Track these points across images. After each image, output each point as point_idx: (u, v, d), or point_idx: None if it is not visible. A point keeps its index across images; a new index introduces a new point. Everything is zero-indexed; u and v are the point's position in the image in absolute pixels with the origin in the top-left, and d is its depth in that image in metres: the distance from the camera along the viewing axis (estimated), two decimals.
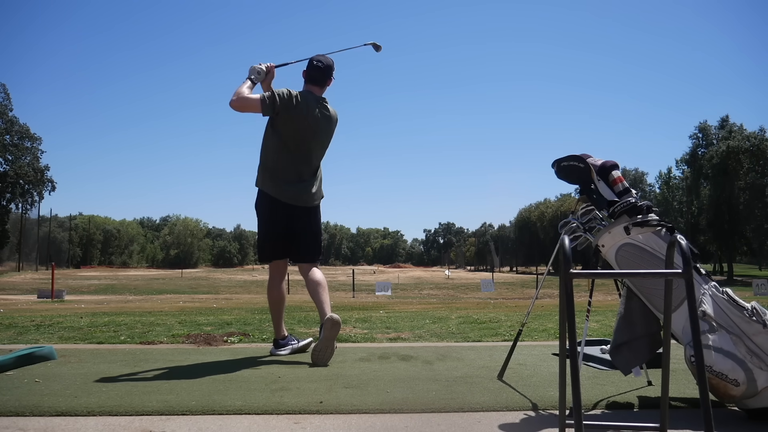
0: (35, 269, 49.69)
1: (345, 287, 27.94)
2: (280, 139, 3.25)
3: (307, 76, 3.39)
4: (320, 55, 3.40)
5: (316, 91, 3.37)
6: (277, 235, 3.30)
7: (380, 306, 10.68)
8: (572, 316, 1.39)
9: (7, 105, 47.31)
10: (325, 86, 3.42)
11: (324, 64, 3.37)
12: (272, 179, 3.28)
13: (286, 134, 3.25)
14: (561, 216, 35.83)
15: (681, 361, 2.61)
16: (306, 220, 3.33)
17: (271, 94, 3.18)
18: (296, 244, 3.32)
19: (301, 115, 3.22)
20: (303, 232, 3.32)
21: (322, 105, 3.34)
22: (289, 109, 3.20)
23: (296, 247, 3.33)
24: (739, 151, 43.67)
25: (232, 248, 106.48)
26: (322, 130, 3.32)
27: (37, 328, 4.66)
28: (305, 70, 3.39)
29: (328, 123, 3.35)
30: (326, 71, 3.38)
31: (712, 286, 2.10)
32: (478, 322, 5.25)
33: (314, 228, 3.38)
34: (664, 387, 1.62)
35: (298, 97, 3.24)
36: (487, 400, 2.21)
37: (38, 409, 2.04)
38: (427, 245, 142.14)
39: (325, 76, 3.38)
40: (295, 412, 2.05)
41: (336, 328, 3.01)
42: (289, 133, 3.25)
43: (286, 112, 3.21)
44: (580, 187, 2.50)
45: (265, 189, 3.29)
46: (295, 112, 3.21)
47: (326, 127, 3.35)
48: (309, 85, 3.38)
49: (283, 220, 3.28)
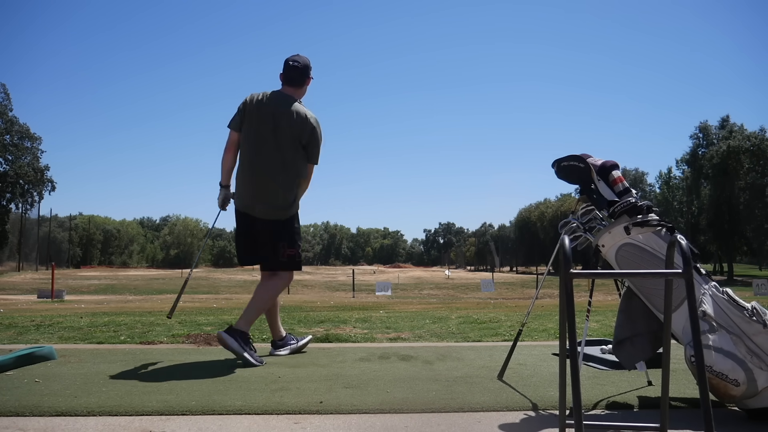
0: (35, 269, 49.68)
1: (345, 287, 27.95)
2: (242, 141, 3.23)
3: (283, 77, 3.27)
4: (296, 55, 3.30)
5: (292, 91, 3.26)
6: (242, 242, 3.26)
7: (380, 306, 10.68)
8: (572, 316, 1.39)
9: (7, 105, 47.32)
10: (304, 86, 3.31)
11: (301, 63, 3.26)
12: (235, 185, 3.28)
13: (244, 138, 3.21)
14: (561, 216, 35.79)
15: (681, 361, 2.61)
16: (267, 234, 3.16)
17: (235, 117, 3.23)
18: (258, 254, 3.23)
19: (254, 114, 3.17)
20: (263, 242, 3.19)
21: (286, 102, 3.19)
22: (243, 111, 3.20)
23: (260, 258, 3.24)
24: (739, 151, 43.68)
25: (232, 248, 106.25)
26: (282, 128, 3.14)
27: (37, 328, 4.66)
28: (282, 72, 3.27)
29: (289, 120, 3.14)
30: (303, 71, 3.27)
31: (712, 286, 2.10)
32: (478, 322, 5.25)
33: (273, 243, 3.16)
34: (664, 387, 1.62)
35: (250, 96, 3.22)
36: (487, 400, 2.21)
37: (38, 409, 2.04)
38: (427, 245, 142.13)
39: (302, 76, 3.28)
40: (295, 412, 2.05)
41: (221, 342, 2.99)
42: (246, 135, 3.20)
43: (243, 115, 3.21)
44: (580, 187, 2.50)
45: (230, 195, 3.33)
46: (247, 113, 3.19)
47: (287, 124, 3.14)
48: (285, 87, 3.27)
49: (243, 228, 3.24)
